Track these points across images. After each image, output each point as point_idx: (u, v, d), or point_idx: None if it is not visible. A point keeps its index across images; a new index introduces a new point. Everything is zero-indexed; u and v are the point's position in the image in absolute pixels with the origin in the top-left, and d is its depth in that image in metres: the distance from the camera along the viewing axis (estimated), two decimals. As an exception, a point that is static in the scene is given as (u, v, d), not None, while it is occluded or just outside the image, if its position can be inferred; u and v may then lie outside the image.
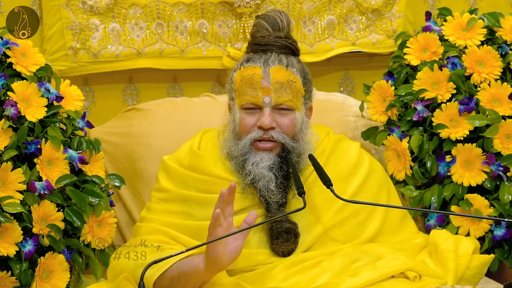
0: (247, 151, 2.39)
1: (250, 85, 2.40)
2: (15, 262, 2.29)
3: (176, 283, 2.20)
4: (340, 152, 2.54)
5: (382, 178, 2.57)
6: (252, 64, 2.42)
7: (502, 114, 2.63)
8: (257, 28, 2.50)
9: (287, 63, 2.42)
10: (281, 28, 2.48)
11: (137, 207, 2.81)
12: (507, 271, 2.68)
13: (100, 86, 3.15)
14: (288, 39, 2.47)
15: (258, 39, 2.47)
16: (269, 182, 2.36)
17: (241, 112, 2.42)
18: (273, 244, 2.36)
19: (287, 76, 2.40)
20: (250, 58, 2.44)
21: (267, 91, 2.39)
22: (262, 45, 2.45)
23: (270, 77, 2.39)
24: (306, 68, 2.48)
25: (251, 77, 2.40)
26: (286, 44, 2.46)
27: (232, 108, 2.47)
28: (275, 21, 2.49)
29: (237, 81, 2.43)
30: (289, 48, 2.46)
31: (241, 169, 2.40)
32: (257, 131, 2.40)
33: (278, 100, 2.39)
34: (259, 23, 2.50)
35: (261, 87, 2.39)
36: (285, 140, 2.39)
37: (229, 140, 2.45)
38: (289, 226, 2.36)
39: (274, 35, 2.46)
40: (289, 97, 2.39)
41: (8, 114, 2.32)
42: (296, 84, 2.41)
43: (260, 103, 2.39)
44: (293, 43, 2.48)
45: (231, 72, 2.49)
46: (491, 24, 2.75)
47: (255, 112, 2.41)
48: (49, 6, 3.00)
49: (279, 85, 2.39)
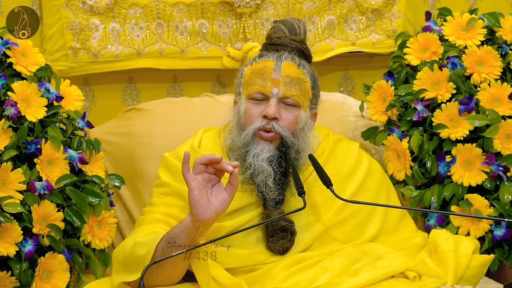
0: (249, 141, 2.39)
1: (260, 75, 2.41)
2: (15, 262, 2.29)
3: (167, 250, 2.20)
4: (339, 152, 2.55)
5: (381, 178, 2.57)
6: (264, 58, 2.44)
7: (502, 114, 2.63)
8: (274, 30, 2.53)
9: (299, 63, 2.44)
10: (297, 33, 2.51)
11: (137, 207, 2.81)
12: (507, 271, 2.68)
13: (100, 86, 3.15)
14: (303, 44, 2.50)
15: (273, 39, 2.50)
16: (267, 177, 2.37)
17: (248, 103, 2.43)
18: (269, 241, 2.37)
19: (297, 74, 2.42)
20: (263, 55, 2.47)
21: (276, 82, 2.40)
22: (277, 44, 2.48)
23: (281, 70, 2.40)
24: (316, 75, 2.50)
25: (262, 69, 2.42)
26: (300, 47, 2.48)
27: (238, 101, 2.48)
28: (293, 26, 2.52)
29: (247, 75, 2.45)
30: (303, 52, 2.49)
31: (241, 162, 2.40)
32: (261, 120, 2.40)
33: (286, 92, 2.39)
34: (276, 26, 2.54)
35: (271, 78, 2.40)
36: (284, 133, 2.39)
37: (232, 131, 2.46)
38: (285, 224, 2.37)
39: (290, 37, 2.48)
40: (297, 92, 2.40)
41: (8, 114, 2.32)
42: (306, 84, 2.42)
43: (267, 93, 2.40)
44: (307, 49, 2.51)
45: (242, 67, 2.50)
46: (491, 24, 2.75)
47: (262, 103, 2.41)
48: (49, 6, 3.00)
49: (289, 79, 2.40)
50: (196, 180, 2.18)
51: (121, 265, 2.28)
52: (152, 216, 2.44)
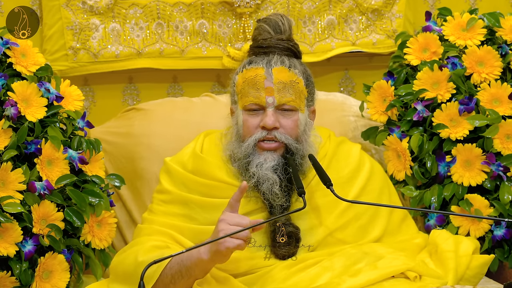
0: (250, 153, 2.38)
1: (253, 85, 2.39)
2: (15, 262, 2.29)
3: (177, 278, 2.20)
4: (341, 155, 2.54)
5: (383, 180, 2.57)
6: (254, 66, 2.42)
7: (502, 114, 2.63)
8: (258, 32, 2.50)
9: (290, 64, 2.41)
10: (283, 31, 2.48)
11: (137, 207, 2.81)
12: (507, 271, 2.68)
13: (100, 86, 3.15)
14: (290, 41, 2.47)
15: (260, 42, 2.47)
16: (273, 184, 2.35)
17: (244, 114, 2.41)
18: (275, 247, 2.35)
19: (289, 77, 2.40)
20: (252, 61, 2.44)
21: (270, 91, 2.38)
22: (264, 47, 2.45)
23: (273, 78, 2.38)
24: (308, 71, 2.48)
25: (253, 78, 2.39)
26: (288, 46, 2.46)
27: (235, 111, 2.47)
28: (277, 24, 2.49)
29: (239, 84, 2.43)
30: (291, 51, 2.46)
31: (244, 172, 2.38)
32: (260, 131, 2.38)
33: (281, 100, 2.38)
34: (260, 26, 2.50)
35: (264, 88, 2.38)
36: (288, 141, 2.38)
37: (232, 143, 2.44)
38: (292, 230, 2.35)
39: (276, 37, 2.46)
40: (292, 97, 2.39)
41: (8, 114, 2.32)
42: (299, 85, 2.41)
43: (263, 104, 2.38)
44: (295, 46, 2.49)
45: (233, 76, 2.48)
46: (491, 24, 2.75)
47: (258, 113, 2.40)
48: (49, 6, 3.00)
49: (282, 85, 2.38)
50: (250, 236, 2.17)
51: (121, 278, 2.27)
52: (151, 227, 2.41)
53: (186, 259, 2.20)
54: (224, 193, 2.38)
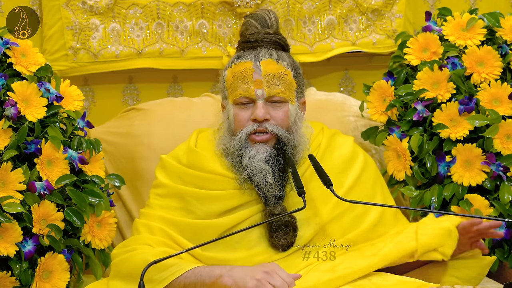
0: (242, 146, 2.41)
1: (242, 79, 2.42)
2: (15, 262, 2.29)
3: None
4: (335, 146, 2.55)
5: (376, 171, 2.60)
6: (243, 60, 2.45)
7: (502, 114, 2.63)
8: (246, 27, 2.54)
9: (278, 57, 2.45)
10: (269, 25, 2.53)
11: (137, 207, 2.81)
12: (507, 271, 2.68)
13: (100, 86, 3.15)
14: (277, 35, 2.51)
15: (247, 37, 2.51)
16: (266, 175, 2.38)
17: (235, 108, 2.44)
18: (272, 237, 2.37)
19: (278, 69, 2.43)
20: (240, 55, 2.48)
21: (259, 83, 2.40)
22: (252, 42, 2.49)
23: (261, 70, 2.42)
24: (296, 63, 2.51)
25: (242, 72, 2.42)
26: (275, 39, 2.49)
27: (226, 106, 2.49)
28: (263, 19, 2.53)
29: (229, 79, 2.46)
30: (279, 44, 2.50)
31: (237, 165, 2.41)
32: (252, 124, 2.41)
33: (270, 92, 2.40)
34: (247, 21, 2.54)
35: (253, 80, 2.41)
36: (279, 132, 2.40)
37: (224, 137, 2.47)
38: (288, 219, 2.37)
39: (263, 31, 2.50)
40: (281, 89, 2.41)
41: (8, 114, 2.32)
42: (288, 76, 2.43)
43: (253, 96, 2.41)
44: (283, 39, 2.52)
45: (223, 71, 2.52)
46: (491, 24, 2.75)
47: (249, 107, 2.43)
48: (49, 6, 3.00)
49: (271, 77, 2.41)
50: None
51: (123, 276, 2.27)
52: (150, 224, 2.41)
53: (205, 274, 2.19)
54: (219, 185, 2.42)
